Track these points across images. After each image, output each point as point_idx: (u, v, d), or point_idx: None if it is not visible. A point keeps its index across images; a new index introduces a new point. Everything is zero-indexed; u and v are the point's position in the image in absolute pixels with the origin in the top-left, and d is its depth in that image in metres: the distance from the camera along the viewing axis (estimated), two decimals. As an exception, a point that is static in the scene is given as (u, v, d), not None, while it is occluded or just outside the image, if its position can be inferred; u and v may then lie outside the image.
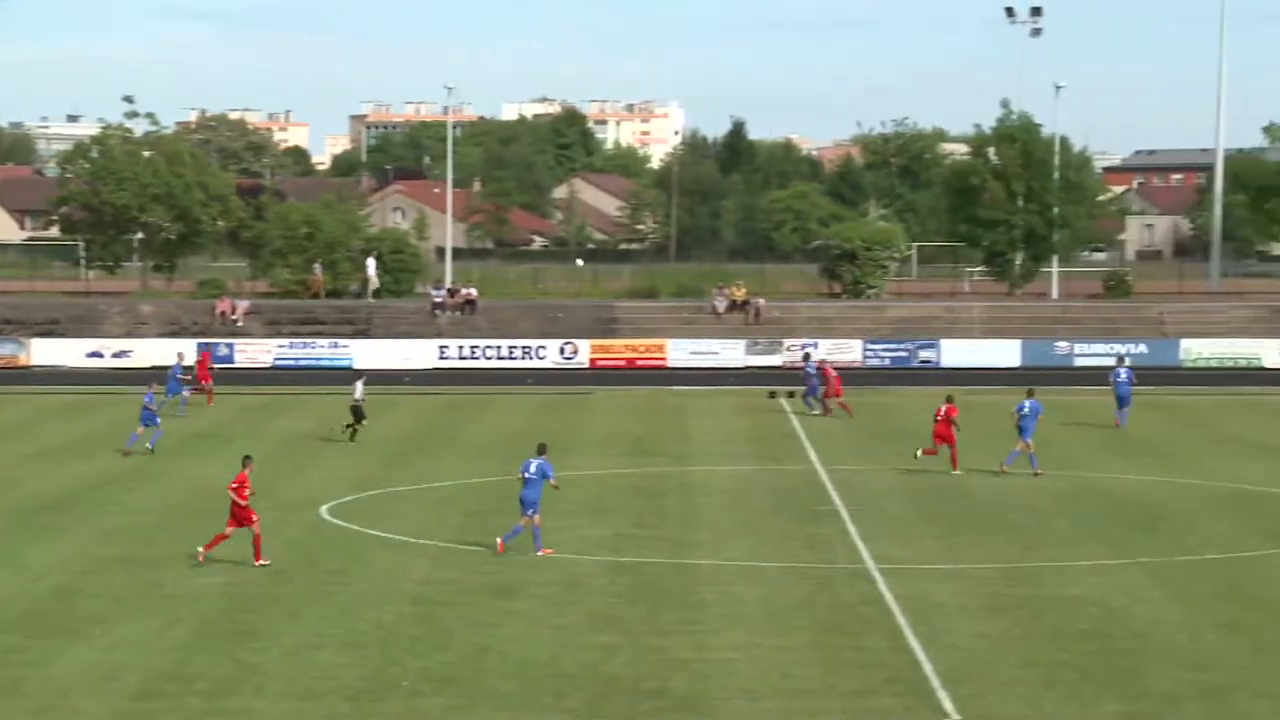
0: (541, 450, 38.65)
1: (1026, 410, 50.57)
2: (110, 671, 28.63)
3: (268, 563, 37.01)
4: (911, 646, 30.25)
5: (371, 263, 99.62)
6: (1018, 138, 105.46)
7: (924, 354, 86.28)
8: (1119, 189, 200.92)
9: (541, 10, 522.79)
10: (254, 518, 37.35)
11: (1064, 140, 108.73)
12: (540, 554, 37.71)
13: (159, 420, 55.84)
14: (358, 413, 57.45)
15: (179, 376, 65.66)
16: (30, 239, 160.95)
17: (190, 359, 73.63)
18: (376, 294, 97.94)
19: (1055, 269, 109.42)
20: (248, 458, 38.66)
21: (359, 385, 58.38)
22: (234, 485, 37.50)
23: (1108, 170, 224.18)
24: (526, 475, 38.02)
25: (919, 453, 50.89)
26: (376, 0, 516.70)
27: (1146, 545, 39.53)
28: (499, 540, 38.19)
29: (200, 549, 37.53)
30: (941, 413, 50.91)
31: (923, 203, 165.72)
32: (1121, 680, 28.22)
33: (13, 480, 49.38)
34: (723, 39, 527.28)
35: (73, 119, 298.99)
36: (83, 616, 32.45)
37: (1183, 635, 31.09)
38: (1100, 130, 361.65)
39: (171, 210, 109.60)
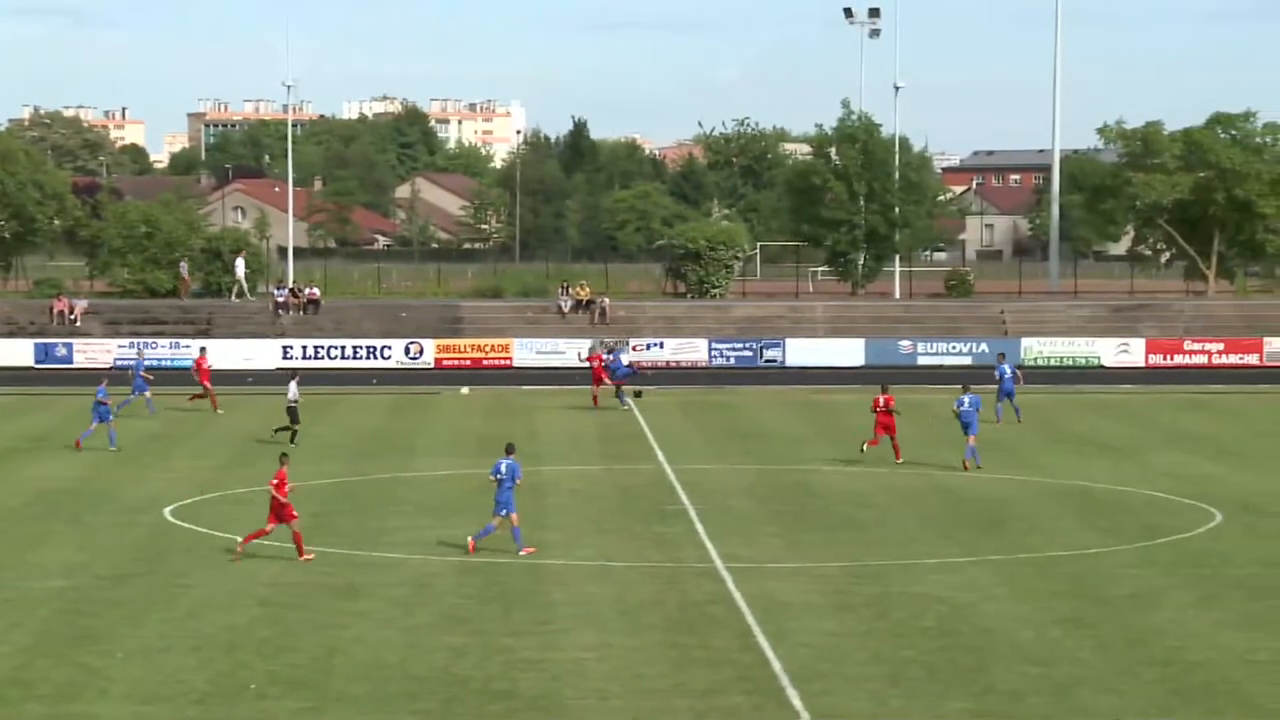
0: (510, 450, 38.63)
1: (966, 405, 51.25)
2: (-50, 678, 28.12)
3: (312, 557, 37.03)
4: (760, 645, 30.38)
5: (240, 263, 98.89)
6: (858, 138, 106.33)
7: (769, 353, 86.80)
8: (959, 189, 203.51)
9: (382, 8, 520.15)
10: (294, 515, 37.27)
11: (904, 140, 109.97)
12: (523, 553, 37.64)
13: (112, 417, 55.45)
14: (293, 414, 56.48)
15: (142, 374, 64.68)
16: None
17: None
18: (243, 294, 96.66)
19: (897, 269, 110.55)
20: (284, 455, 38.68)
21: (292, 385, 57.25)
22: (274, 482, 37.45)
23: (947, 170, 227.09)
24: (498, 477, 37.98)
25: (864, 446, 51.63)
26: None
27: (991, 543, 39.97)
28: (470, 540, 38.02)
29: (239, 540, 37.51)
30: (880, 403, 51.77)
31: (765, 203, 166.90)
32: (967, 677, 28.50)
33: None
34: (564, 38, 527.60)
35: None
36: (-79, 622, 31.85)
37: (1027, 632, 31.45)
38: (939, 131, 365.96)
39: (5, 209, 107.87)
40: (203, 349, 72.52)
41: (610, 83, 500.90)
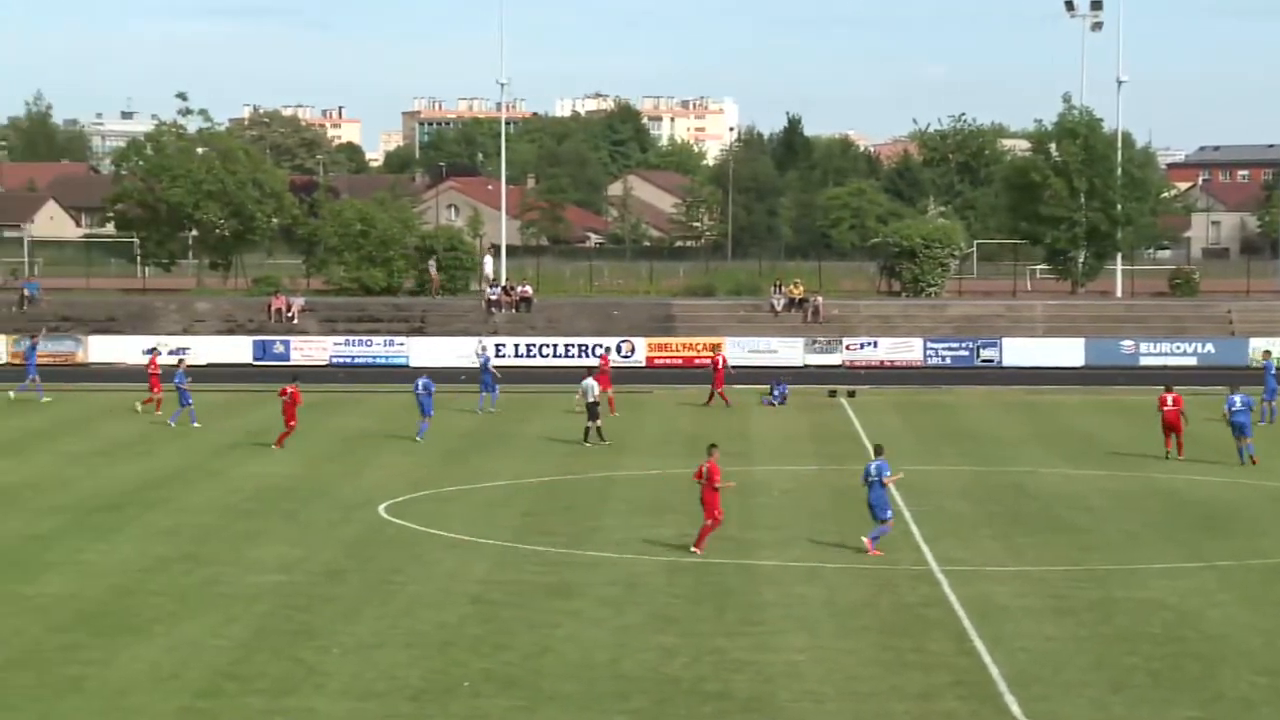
0: (879, 451, 38.60)
1: (1238, 405, 50.49)
2: (172, 670, 28.43)
3: (701, 552, 37.38)
4: (977, 649, 29.83)
5: (489, 260, 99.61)
6: (1079, 134, 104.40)
7: (986, 353, 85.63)
8: (1184, 185, 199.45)
9: (594, 6, 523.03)
10: (716, 512, 37.68)
11: (1127, 136, 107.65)
12: (871, 554, 37.58)
13: (432, 413, 57.10)
14: (593, 411, 56.78)
15: (491, 370, 66.48)
16: (86, 236, 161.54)
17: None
18: (510, 290, 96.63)
19: (1119, 267, 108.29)
20: (713, 446, 39.07)
21: (591, 382, 57.51)
22: (697, 475, 37.98)
23: (1172, 166, 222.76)
24: (869, 479, 38.07)
25: (1168, 453, 51.90)
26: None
27: (1217, 547, 38.92)
28: (866, 540, 38.06)
29: (693, 546, 37.77)
30: (1169, 401, 51.56)
31: (982, 200, 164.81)
32: (1194, 684, 27.72)
33: (71, 478, 49.33)
34: (776, 34, 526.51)
35: (127, 116, 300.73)
36: (143, 615, 32.28)
37: (1256, 639, 30.52)
38: (1164, 126, 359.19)
39: (226, 207, 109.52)
40: (606, 349, 72.94)
41: (823, 79, 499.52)
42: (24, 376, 70.02)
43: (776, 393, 69.17)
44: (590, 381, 57.46)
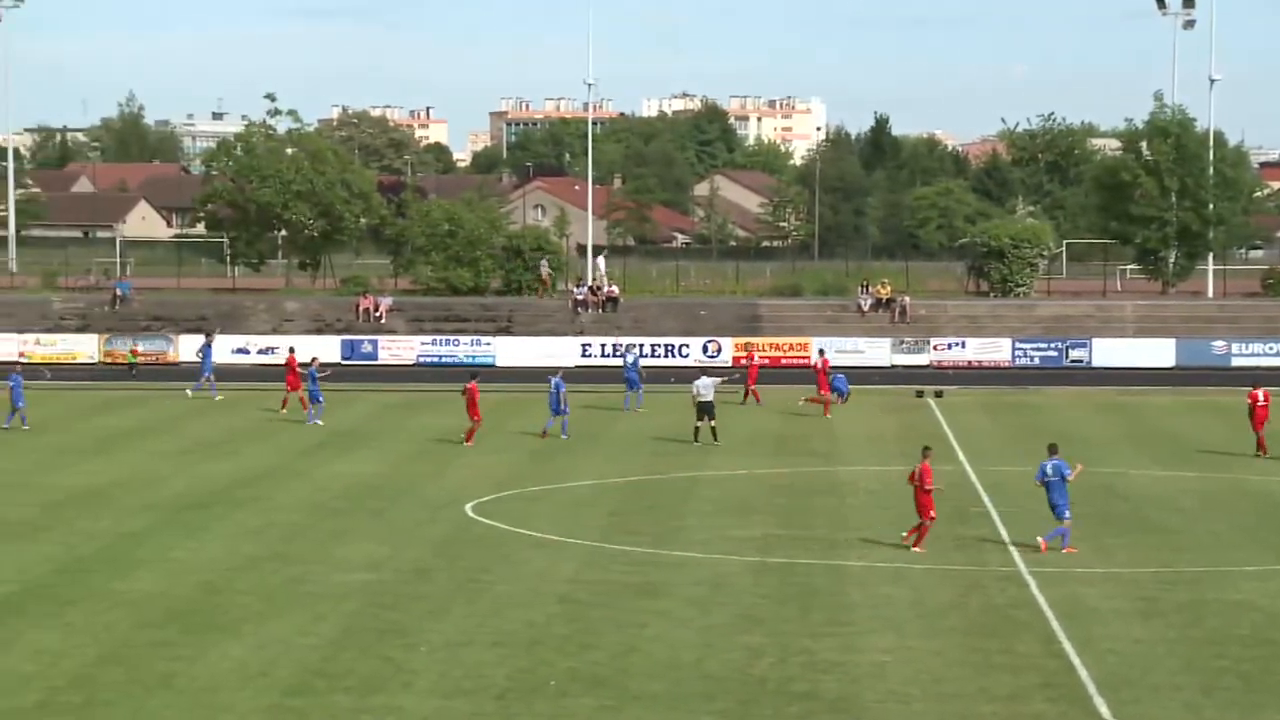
0: (1053, 450, 38.69)
1: None
2: (260, 668, 28.62)
3: (922, 551, 37.75)
4: (1065, 651, 29.69)
5: (601, 261, 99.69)
6: (1171, 132, 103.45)
7: (1075, 353, 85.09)
8: (1277, 184, 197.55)
9: (682, 6, 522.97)
10: (931, 512, 38.15)
11: (1219, 135, 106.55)
12: (1064, 551, 37.76)
13: (568, 410, 58.35)
14: (708, 410, 56.69)
15: (639, 368, 67.97)
16: (177, 236, 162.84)
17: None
18: (596, 290, 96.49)
19: (1210, 267, 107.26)
20: (927, 449, 39.63)
21: (710, 382, 57.60)
22: (911, 478, 38.63)
23: (1266, 166, 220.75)
24: (1046, 480, 38.21)
25: (1263, 454, 52.10)
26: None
27: (1308, 550, 38.62)
28: (1040, 540, 38.27)
29: (911, 546, 38.26)
30: (1260, 398, 51.96)
31: (1072, 199, 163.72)
32: (1286, 688, 27.49)
33: (161, 477, 49.74)
34: (863, 34, 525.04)
35: (217, 117, 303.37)
36: (232, 613, 32.52)
37: (1350, 643, 30.24)
38: (1257, 125, 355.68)
39: (314, 208, 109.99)
40: (821, 350, 72.95)
41: (911, 78, 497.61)
42: (199, 375, 71.62)
43: (837, 388, 68.45)
44: (705, 380, 57.37)
